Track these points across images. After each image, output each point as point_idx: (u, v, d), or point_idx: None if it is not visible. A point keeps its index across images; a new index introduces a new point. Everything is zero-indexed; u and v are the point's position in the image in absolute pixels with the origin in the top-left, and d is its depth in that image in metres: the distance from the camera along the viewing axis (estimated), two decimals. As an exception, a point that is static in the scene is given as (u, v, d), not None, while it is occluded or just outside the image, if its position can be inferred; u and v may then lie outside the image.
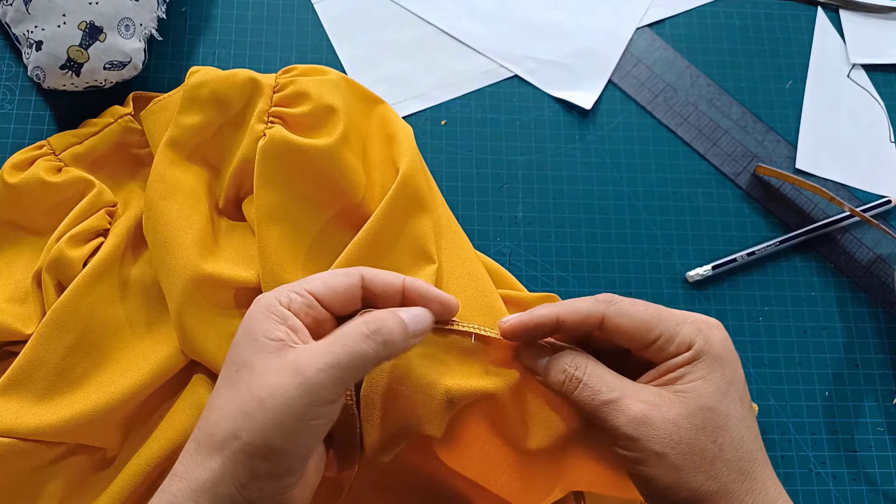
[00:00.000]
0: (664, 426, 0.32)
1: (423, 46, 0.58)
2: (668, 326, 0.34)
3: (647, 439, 0.32)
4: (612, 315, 0.35)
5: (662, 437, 0.32)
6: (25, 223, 0.48)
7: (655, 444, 0.32)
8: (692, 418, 0.32)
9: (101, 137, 0.49)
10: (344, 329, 0.32)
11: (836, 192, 0.56)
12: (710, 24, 0.60)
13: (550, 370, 0.36)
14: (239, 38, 0.56)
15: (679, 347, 0.34)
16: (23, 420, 0.41)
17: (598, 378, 0.34)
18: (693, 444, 0.32)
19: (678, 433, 0.32)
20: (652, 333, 0.34)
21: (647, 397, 0.33)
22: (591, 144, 0.56)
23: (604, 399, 0.33)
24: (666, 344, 0.34)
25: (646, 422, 0.32)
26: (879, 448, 0.51)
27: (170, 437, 0.43)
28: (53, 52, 0.48)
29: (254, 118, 0.46)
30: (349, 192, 0.46)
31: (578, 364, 0.35)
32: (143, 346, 0.45)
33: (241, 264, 0.46)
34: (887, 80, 0.60)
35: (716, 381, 0.33)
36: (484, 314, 0.45)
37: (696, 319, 0.35)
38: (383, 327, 0.32)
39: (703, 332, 0.34)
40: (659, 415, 0.32)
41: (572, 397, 0.35)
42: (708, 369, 0.33)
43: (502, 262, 0.52)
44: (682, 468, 0.32)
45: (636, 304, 0.35)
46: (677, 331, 0.34)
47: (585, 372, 0.34)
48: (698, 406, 0.32)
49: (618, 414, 0.33)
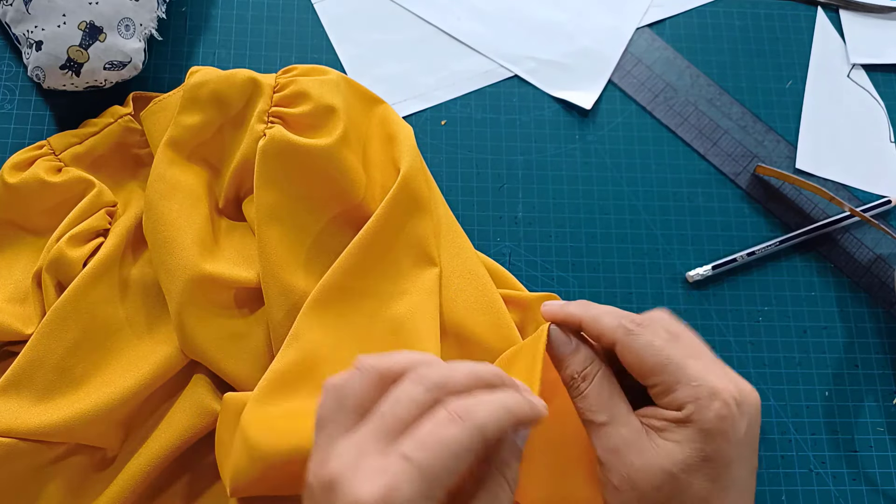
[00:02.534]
0: (628, 468, 0.32)
1: (423, 46, 0.58)
2: (668, 380, 0.33)
3: (610, 470, 0.33)
4: (622, 346, 0.35)
5: (622, 476, 0.32)
6: (25, 223, 0.48)
7: (615, 478, 0.33)
8: (652, 475, 0.32)
9: (101, 137, 0.49)
10: None
11: (836, 192, 0.56)
12: (710, 24, 0.60)
13: (563, 365, 0.36)
14: (239, 38, 0.56)
15: (671, 404, 0.33)
16: (23, 420, 0.41)
17: (597, 395, 0.34)
18: (644, 497, 0.32)
19: (636, 480, 0.32)
20: (650, 380, 0.34)
21: (628, 433, 0.33)
22: (591, 144, 0.56)
23: (590, 419, 0.34)
24: (660, 395, 0.34)
25: (615, 454, 0.33)
26: (879, 448, 0.51)
27: (170, 437, 0.43)
28: (53, 52, 0.48)
29: (254, 118, 0.46)
30: (349, 192, 0.46)
31: (587, 374, 0.35)
32: (143, 346, 0.45)
33: (242, 264, 0.46)
34: (887, 80, 0.60)
35: (689, 452, 0.32)
36: (484, 314, 0.45)
37: (704, 384, 0.33)
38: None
39: (701, 402, 0.32)
40: (629, 455, 0.33)
41: (574, 402, 0.35)
42: (687, 438, 0.32)
43: (502, 262, 0.52)
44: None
45: (651, 344, 0.34)
46: (676, 388, 0.33)
47: (590, 384, 0.34)
48: (661, 467, 0.32)
49: (598, 436, 0.33)
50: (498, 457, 0.31)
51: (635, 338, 0.34)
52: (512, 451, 0.31)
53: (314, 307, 0.43)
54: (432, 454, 0.27)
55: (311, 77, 0.47)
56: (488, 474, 0.30)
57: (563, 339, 0.36)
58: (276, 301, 0.43)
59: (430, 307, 0.44)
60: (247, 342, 0.45)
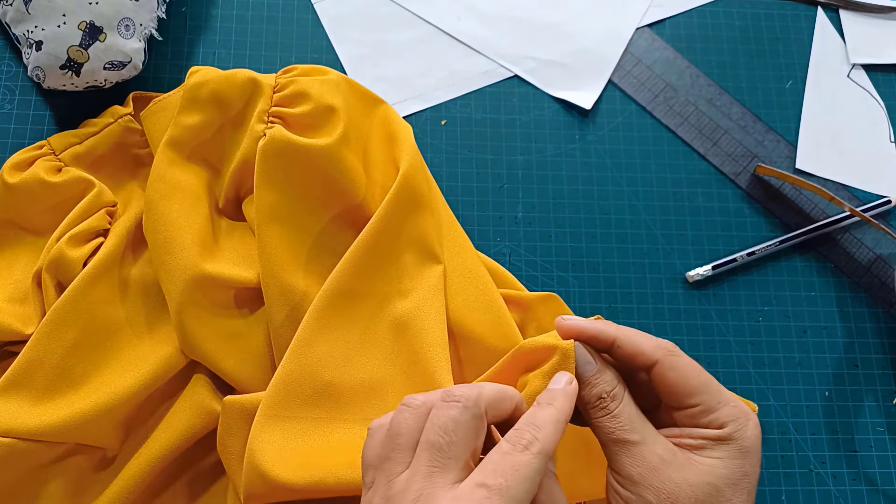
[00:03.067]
0: (668, 483, 0.32)
1: (423, 46, 0.58)
2: (710, 400, 0.34)
3: (646, 487, 0.33)
4: (666, 365, 0.35)
5: (661, 492, 0.32)
6: (25, 223, 0.48)
7: (652, 495, 0.32)
8: (696, 488, 0.32)
9: (101, 137, 0.49)
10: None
11: (836, 192, 0.56)
12: (710, 24, 0.60)
13: (589, 384, 0.35)
14: (239, 38, 0.56)
15: (712, 423, 0.34)
16: (23, 420, 0.41)
17: (627, 415, 0.34)
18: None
19: (677, 495, 0.32)
20: (692, 399, 0.34)
21: (662, 451, 0.33)
22: (591, 144, 0.56)
23: (623, 438, 0.34)
24: (700, 415, 0.34)
25: (653, 472, 0.33)
26: (879, 448, 0.51)
27: (170, 437, 0.43)
28: (53, 52, 0.48)
29: (254, 118, 0.46)
30: (350, 192, 0.46)
31: (616, 395, 0.35)
32: (143, 346, 0.45)
33: (242, 264, 0.46)
34: (887, 80, 0.60)
35: (732, 468, 0.33)
36: (485, 313, 0.45)
37: (739, 405, 0.35)
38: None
39: (740, 422, 0.34)
40: (667, 471, 0.33)
41: (593, 420, 0.35)
42: (730, 455, 0.33)
43: (502, 262, 0.52)
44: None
45: (693, 366, 0.35)
46: (717, 408, 0.34)
47: (620, 405, 0.34)
48: (707, 481, 0.33)
49: (630, 456, 0.33)
50: (544, 485, 0.32)
51: (678, 358, 0.35)
52: (550, 477, 0.33)
53: (318, 312, 0.43)
54: (508, 479, 0.29)
55: (311, 77, 0.47)
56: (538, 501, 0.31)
57: (587, 357, 0.36)
58: (276, 301, 0.43)
59: (437, 304, 0.44)
60: (247, 342, 0.45)
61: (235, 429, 0.41)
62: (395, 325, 0.44)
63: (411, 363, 0.43)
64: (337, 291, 0.43)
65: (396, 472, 0.30)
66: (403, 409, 0.32)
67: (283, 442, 0.40)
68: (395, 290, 0.45)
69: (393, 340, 0.44)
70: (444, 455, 0.30)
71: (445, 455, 0.30)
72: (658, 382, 0.35)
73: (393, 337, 0.44)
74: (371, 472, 0.32)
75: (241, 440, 0.41)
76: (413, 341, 0.43)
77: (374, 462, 0.32)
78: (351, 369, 0.43)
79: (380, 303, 0.45)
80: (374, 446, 0.32)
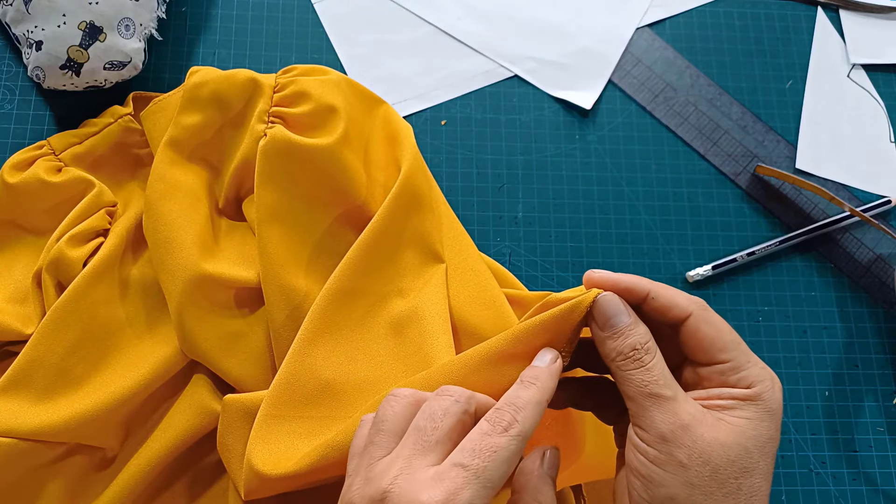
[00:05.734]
0: (699, 442, 0.32)
1: (423, 46, 0.58)
2: (740, 358, 0.34)
3: (678, 446, 0.32)
4: (700, 319, 0.34)
5: (693, 451, 0.32)
6: (25, 223, 0.48)
7: (683, 454, 0.32)
8: (727, 448, 0.32)
9: (101, 137, 0.49)
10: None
11: (836, 192, 0.56)
12: (710, 24, 0.60)
13: (623, 335, 0.34)
14: (239, 38, 0.56)
15: (740, 382, 0.33)
16: (23, 420, 0.41)
17: (660, 370, 0.33)
18: (717, 472, 0.32)
19: (709, 454, 0.32)
20: (724, 355, 0.34)
21: (693, 410, 0.33)
22: (591, 144, 0.56)
23: (657, 392, 0.33)
24: (730, 372, 0.34)
25: (684, 429, 0.32)
26: (879, 448, 0.51)
27: (170, 437, 0.43)
28: (53, 52, 0.48)
29: (254, 118, 0.46)
30: (350, 191, 0.46)
31: (650, 348, 0.34)
32: (143, 346, 0.45)
33: (242, 264, 0.46)
34: (887, 80, 0.60)
35: (761, 430, 0.33)
36: (488, 309, 0.45)
37: (765, 367, 0.34)
38: None
39: (767, 383, 0.33)
40: (699, 430, 0.32)
41: (624, 373, 0.34)
42: (759, 416, 0.33)
43: (502, 262, 0.52)
44: (696, 487, 0.31)
45: (724, 322, 0.35)
46: (747, 366, 0.34)
47: (654, 358, 0.33)
48: (738, 441, 0.32)
49: (662, 411, 0.32)
50: (531, 484, 0.32)
51: (711, 313, 0.34)
52: (542, 478, 0.33)
53: (320, 312, 0.42)
54: (486, 460, 0.29)
55: (311, 77, 0.47)
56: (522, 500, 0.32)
57: (620, 308, 0.35)
58: (276, 301, 0.43)
59: (439, 302, 0.44)
60: (247, 342, 0.45)
61: (236, 427, 0.41)
62: (397, 323, 0.44)
63: (415, 361, 0.43)
64: (339, 291, 0.43)
65: (378, 456, 0.31)
66: (391, 398, 0.33)
67: (285, 441, 0.40)
68: (397, 289, 0.45)
69: (396, 339, 0.44)
70: (428, 440, 0.30)
71: (430, 440, 0.30)
72: (689, 337, 0.34)
73: (396, 335, 0.44)
74: (355, 459, 0.32)
75: (241, 439, 0.41)
76: (416, 339, 0.43)
77: (359, 450, 0.32)
78: (354, 368, 0.43)
79: (381, 302, 0.45)
80: (360, 436, 0.33)
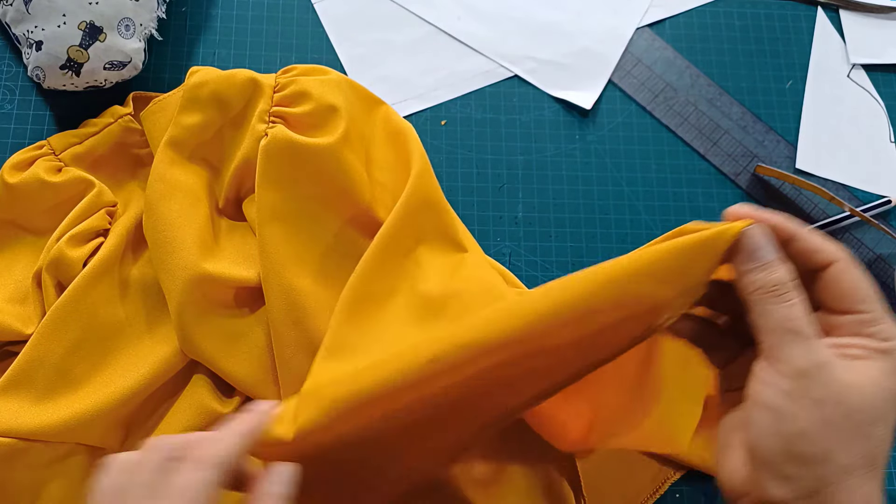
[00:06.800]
0: (836, 383, 0.31)
1: (423, 46, 0.58)
2: (878, 310, 0.33)
3: (815, 383, 0.31)
4: (846, 267, 0.33)
5: (829, 390, 0.31)
6: (25, 223, 0.48)
7: (819, 391, 0.31)
8: (864, 394, 0.31)
9: (101, 137, 0.49)
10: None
11: (836, 192, 0.56)
12: (710, 24, 0.60)
13: (770, 268, 0.33)
14: (239, 38, 0.56)
15: (876, 334, 0.33)
16: (23, 420, 0.41)
17: (803, 309, 0.32)
18: (851, 414, 0.31)
19: (845, 396, 0.31)
20: (864, 305, 0.33)
21: (829, 352, 0.32)
22: (591, 144, 0.56)
23: (798, 328, 0.32)
24: (868, 324, 0.33)
25: (822, 368, 0.31)
26: (879, 448, 0.51)
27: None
28: (53, 52, 0.48)
29: (255, 118, 0.46)
30: (351, 191, 0.46)
31: (796, 285, 0.33)
32: (143, 346, 0.45)
33: (242, 264, 0.46)
34: (887, 80, 0.60)
35: (893, 383, 0.32)
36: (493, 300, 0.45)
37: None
38: None
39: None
40: (835, 371, 0.31)
41: (765, 306, 0.33)
42: (892, 370, 0.32)
43: (502, 262, 0.52)
44: (829, 425, 0.31)
45: (864, 274, 0.34)
46: (884, 320, 0.33)
47: (799, 296, 0.33)
48: (873, 390, 0.31)
49: (802, 348, 0.32)
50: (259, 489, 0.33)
51: (856, 265, 0.33)
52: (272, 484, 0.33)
53: (344, 312, 0.42)
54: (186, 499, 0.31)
55: (311, 77, 0.47)
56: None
57: (769, 241, 0.34)
58: (276, 301, 0.43)
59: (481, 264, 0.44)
60: (247, 342, 0.45)
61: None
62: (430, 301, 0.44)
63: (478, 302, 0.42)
64: (356, 290, 0.43)
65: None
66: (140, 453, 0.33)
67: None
68: (423, 277, 0.45)
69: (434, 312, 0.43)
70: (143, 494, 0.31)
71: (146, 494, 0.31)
72: (831, 284, 0.33)
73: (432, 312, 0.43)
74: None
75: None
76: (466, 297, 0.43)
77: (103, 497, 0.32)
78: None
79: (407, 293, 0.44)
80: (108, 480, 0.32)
